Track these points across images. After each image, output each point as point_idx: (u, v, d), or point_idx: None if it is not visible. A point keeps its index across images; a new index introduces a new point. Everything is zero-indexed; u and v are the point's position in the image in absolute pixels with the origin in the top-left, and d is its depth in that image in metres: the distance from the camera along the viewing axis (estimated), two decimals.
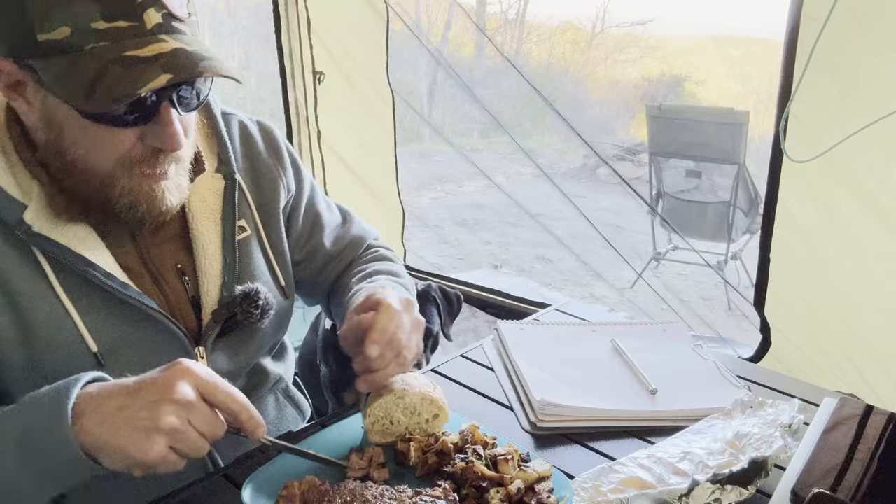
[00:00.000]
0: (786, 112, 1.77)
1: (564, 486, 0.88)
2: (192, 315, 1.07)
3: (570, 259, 5.90)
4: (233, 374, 1.13)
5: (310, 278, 1.29)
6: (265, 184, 1.18)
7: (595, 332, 1.42)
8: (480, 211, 7.65)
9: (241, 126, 1.19)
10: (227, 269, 1.08)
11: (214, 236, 1.08)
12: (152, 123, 0.88)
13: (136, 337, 0.99)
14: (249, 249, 1.13)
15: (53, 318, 0.92)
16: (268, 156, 1.20)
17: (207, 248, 1.07)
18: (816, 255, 1.93)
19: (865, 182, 1.77)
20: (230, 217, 1.10)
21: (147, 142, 0.89)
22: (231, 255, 1.08)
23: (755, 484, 0.90)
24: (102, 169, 0.89)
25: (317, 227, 1.28)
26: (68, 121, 0.86)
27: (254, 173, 1.17)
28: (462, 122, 10.96)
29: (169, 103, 0.87)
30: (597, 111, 11.58)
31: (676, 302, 4.60)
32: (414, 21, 4.44)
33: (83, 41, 0.80)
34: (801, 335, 2.05)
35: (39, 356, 0.91)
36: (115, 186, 0.90)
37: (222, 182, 1.10)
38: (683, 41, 12.47)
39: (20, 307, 0.90)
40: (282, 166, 1.22)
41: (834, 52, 1.69)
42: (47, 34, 0.79)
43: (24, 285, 0.90)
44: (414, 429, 1.00)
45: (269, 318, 1.10)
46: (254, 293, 1.07)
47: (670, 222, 4.98)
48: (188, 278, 1.07)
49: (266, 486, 0.86)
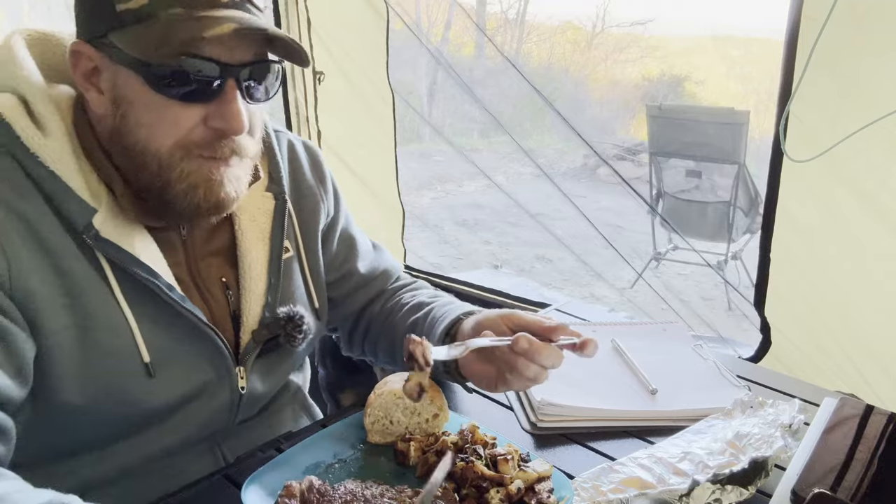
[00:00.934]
0: (786, 112, 1.77)
1: (564, 486, 0.88)
2: (232, 330, 1.06)
3: (571, 259, 5.90)
4: (265, 394, 1.13)
5: (337, 300, 1.28)
6: (308, 205, 1.18)
7: (595, 332, 1.40)
8: (480, 211, 7.66)
9: (289, 145, 1.19)
10: (270, 290, 1.08)
11: (262, 255, 1.08)
12: (216, 104, 0.88)
13: (183, 350, 0.98)
14: (291, 270, 1.13)
15: (112, 324, 0.91)
16: (312, 177, 1.20)
17: (254, 268, 1.06)
18: (817, 254, 1.93)
19: (866, 182, 1.77)
20: (278, 237, 1.09)
21: (210, 124, 0.88)
22: (276, 276, 1.08)
23: (755, 484, 0.90)
24: (162, 150, 0.88)
25: (352, 252, 1.28)
26: (136, 97, 0.86)
27: (297, 193, 1.17)
28: (462, 121, 10.96)
29: (234, 83, 0.88)
30: (597, 111, 11.58)
31: (676, 302, 4.60)
32: (414, 21, 4.45)
33: (159, 7, 0.83)
34: (802, 335, 2.05)
35: (92, 361, 0.90)
36: (173, 169, 0.89)
37: (272, 202, 1.10)
38: (683, 41, 12.47)
39: (82, 308, 0.89)
40: (324, 189, 1.22)
41: (834, 52, 1.68)
42: (125, 4, 0.83)
43: (88, 286, 0.89)
44: (414, 429, 1.00)
45: (307, 343, 1.10)
46: (298, 317, 1.07)
47: (670, 222, 4.98)
48: (231, 292, 1.06)
49: (266, 486, 0.86)
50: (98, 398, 0.92)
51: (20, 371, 0.84)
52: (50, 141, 0.88)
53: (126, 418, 0.96)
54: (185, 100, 0.86)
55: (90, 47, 0.88)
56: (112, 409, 0.94)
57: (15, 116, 0.88)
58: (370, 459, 0.97)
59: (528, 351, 0.93)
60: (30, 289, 0.84)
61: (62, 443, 0.96)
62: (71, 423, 0.93)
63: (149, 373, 0.94)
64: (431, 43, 6.83)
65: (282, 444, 1.02)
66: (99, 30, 0.86)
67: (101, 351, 0.91)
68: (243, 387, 1.06)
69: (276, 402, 1.20)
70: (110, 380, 0.92)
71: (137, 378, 0.94)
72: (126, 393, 0.94)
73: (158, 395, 0.97)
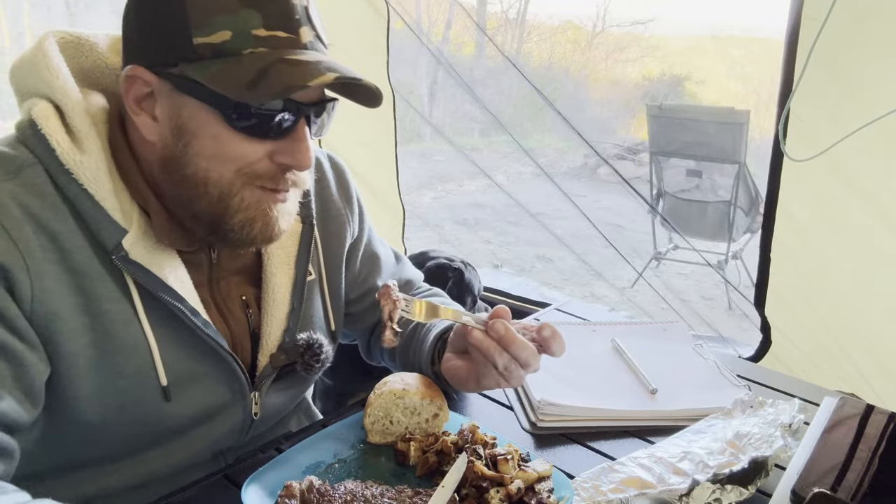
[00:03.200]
0: (786, 111, 1.77)
1: (564, 485, 0.88)
2: (249, 349, 1.05)
3: (571, 258, 5.90)
4: (277, 416, 1.13)
5: (357, 314, 1.28)
6: (333, 228, 1.17)
7: (595, 332, 1.42)
8: (481, 210, 7.65)
9: (316, 163, 1.17)
10: (292, 314, 1.07)
11: (286, 280, 1.07)
12: (285, 141, 0.87)
13: (200, 372, 0.97)
14: (312, 294, 1.12)
15: (132, 345, 0.90)
16: (339, 197, 1.19)
17: (278, 292, 1.05)
18: (817, 254, 1.93)
19: (866, 181, 1.77)
20: (303, 263, 1.08)
21: (277, 159, 0.88)
22: (298, 301, 1.07)
23: (755, 484, 0.90)
24: (223, 179, 0.87)
25: (375, 268, 1.27)
26: (203, 129, 0.85)
27: (323, 215, 1.16)
28: (462, 121, 10.95)
29: (305, 121, 0.88)
30: (597, 111, 11.57)
31: (677, 301, 4.60)
32: (414, 20, 4.44)
33: (243, 45, 0.81)
34: (802, 334, 2.05)
35: (109, 382, 0.89)
36: (233, 197, 0.88)
37: (300, 226, 1.09)
38: (684, 41, 12.47)
39: (103, 329, 0.88)
40: (350, 210, 1.21)
41: (834, 52, 1.69)
42: (205, 38, 0.81)
43: (111, 307, 0.88)
44: (414, 429, 1.00)
45: (324, 370, 1.09)
46: (317, 346, 1.05)
47: (671, 222, 4.98)
48: (251, 311, 1.05)
49: (266, 486, 0.86)
50: (112, 417, 0.91)
51: (29, 394, 0.82)
52: (86, 159, 0.86)
53: (138, 437, 0.96)
54: (255, 135, 0.86)
55: (151, 74, 0.85)
56: (125, 428, 0.93)
57: (51, 129, 0.86)
58: (370, 459, 0.97)
59: (503, 337, 0.93)
60: (51, 310, 0.83)
61: (71, 457, 0.95)
62: (83, 438, 0.93)
63: (165, 396, 0.93)
64: (432, 42, 6.83)
65: (282, 444, 1.02)
66: (167, 59, 0.84)
67: (118, 372, 0.90)
68: (256, 412, 1.06)
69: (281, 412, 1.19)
70: (126, 401, 0.91)
71: (153, 401, 0.93)
72: (140, 414, 0.93)
73: (172, 418, 0.96)
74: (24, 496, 0.72)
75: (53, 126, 0.86)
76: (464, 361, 1.03)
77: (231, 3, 0.81)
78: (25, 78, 0.91)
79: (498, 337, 0.94)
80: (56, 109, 0.88)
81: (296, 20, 0.84)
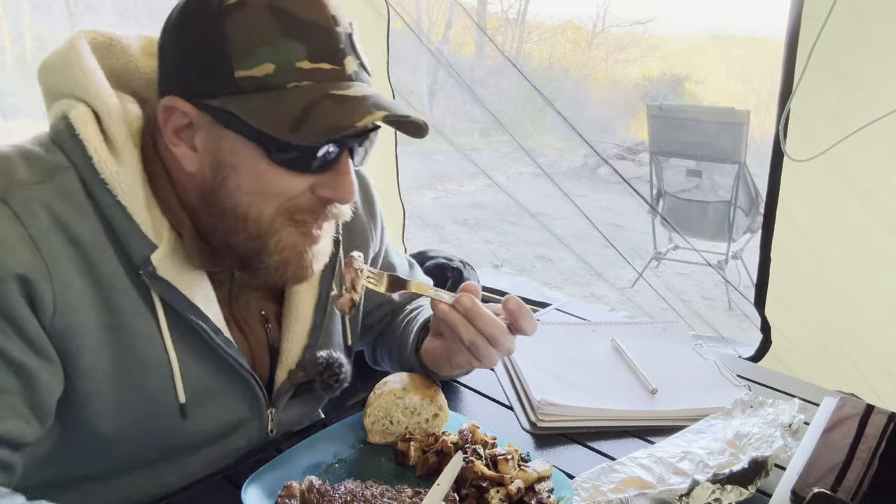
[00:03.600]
0: (786, 111, 1.77)
1: (564, 485, 0.88)
2: (268, 364, 1.04)
3: (571, 258, 5.89)
4: (294, 426, 1.12)
5: (370, 325, 1.27)
6: (358, 243, 1.15)
7: (595, 332, 1.42)
8: (481, 210, 7.65)
9: None
10: (313, 332, 1.05)
11: (310, 297, 1.05)
12: (328, 174, 0.84)
13: (217, 389, 0.96)
14: (332, 311, 1.11)
15: (153, 361, 0.88)
16: (363, 212, 1.17)
17: (300, 310, 1.04)
18: (817, 254, 1.93)
19: (866, 181, 1.77)
20: (328, 281, 1.06)
21: (319, 193, 0.85)
22: (320, 318, 1.06)
23: (755, 484, 0.90)
24: (263, 216, 0.84)
25: None
26: (244, 164, 0.82)
27: (348, 231, 1.13)
28: (462, 121, 10.95)
29: (348, 154, 0.85)
30: (597, 110, 11.57)
31: (677, 301, 4.60)
32: (414, 20, 4.44)
33: (287, 79, 0.78)
34: (802, 334, 2.05)
35: (127, 397, 0.88)
36: (272, 237, 0.86)
37: None
38: (684, 41, 12.47)
39: (124, 344, 0.86)
40: (374, 225, 1.19)
41: (834, 52, 1.69)
42: (247, 71, 0.78)
43: (135, 322, 0.86)
44: (414, 429, 1.00)
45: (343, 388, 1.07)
46: (336, 365, 1.03)
47: (671, 222, 4.98)
48: (270, 325, 1.04)
49: (266, 486, 0.86)
50: (128, 431, 0.90)
51: (38, 411, 0.81)
52: (123, 170, 0.84)
53: (152, 451, 0.95)
54: (298, 169, 0.83)
55: (189, 105, 0.82)
56: (140, 442, 0.92)
57: (90, 135, 0.83)
58: (370, 459, 0.97)
59: (469, 310, 0.92)
60: (73, 323, 0.81)
61: (82, 468, 0.94)
62: (96, 451, 0.91)
63: (182, 414, 0.92)
64: (432, 42, 6.82)
65: (282, 444, 1.02)
66: (207, 91, 0.80)
67: (137, 387, 0.88)
68: (272, 430, 1.05)
69: None
70: (143, 416, 0.90)
71: (171, 418, 0.92)
72: (156, 429, 0.92)
73: (189, 434, 0.95)
74: (19, 498, 0.72)
75: (92, 132, 0.83)
76: (439, 341, 1.02)
77: (274, 34, 0.77)
78: (57, 79, 0.88)
79: (464, 310, 0.92)
80: (93, 115, 0.85)
81: (340, 50, 0.81)
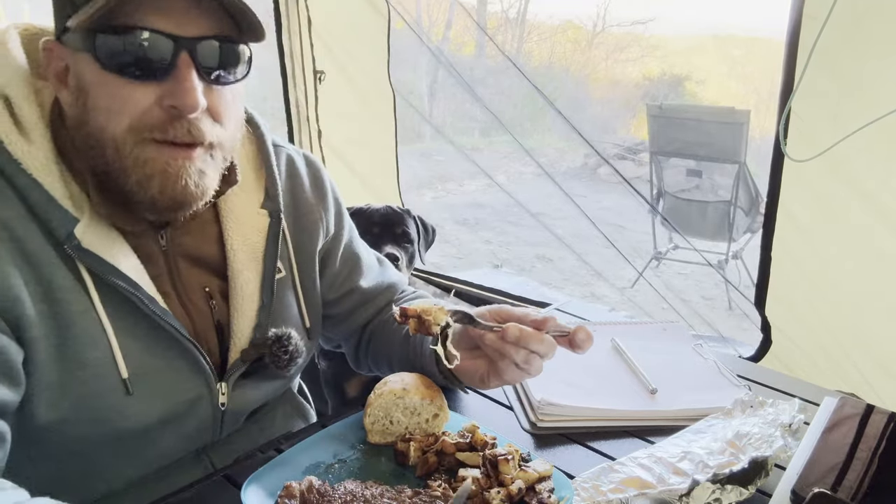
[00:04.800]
0: (786, 111, 1.77)
1: (565, 486, 0.88)
2: (216, 340, 1.04)
3: (571, 258, 5.90)
4: (248, 409, 1.12)
5: (339, 316, 1.26)
6: (305, 224, 1.15)
7: (595, 332, 1.41)
8: (481, 210, 7.66)
9: (288, 160, 1.15)
10: (262, 311, 1.05)
11: (254, 276, 1.05)
12: (170, 82, 0.84)
13: (163, 364, 0.96)
14: (283, 291, 1.11)
15: (90, 335, 0.89)
16: (311, 194, 1.17)
17: (246, 289, 1.04)
18: (817, 254, 1.93)
19: (866, 181, 1.77)
20: (272, 258, 1.06)
21: (164, 103, 0.84)
22: (268, 297, 1.06)
23: (755, 484, 0.90)
24: (118, 132, 0.84)
25: (356, 269, 1.25)
26: (91, 80, 0.84)
27: (295, 211, 1.14)
28: (463, 121, 10.96)
29: (189, 58, 0.84)
30: (597, 110, 11.58)
31: (677, 301, 4.60)
32: (415, 20, 4.44)
33: None
34: (802, 334, 2.05)
35: (68, 374, 0.88)
36: (128, 154, 0.85)
37: (267, 220, 1.07)
38: (684, 40, 12.47)
39: (60, 318, 0.87)
40: (324, 207, 1.19)
41: (835, 51, 1.69)
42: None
43: (67, 296, 0.87)
44: (414, 429, 1.00)
45: (296, 365, 1.08)
46: (285, 338, 1.04)
47: (671, 221, 4.98)
48: (214, 302, 1.04)
49: (266, 486, 0.86)
50: (72, 414, 0.89)
51: (9, 375, 0.82)
52: (34, 148, 0.86)
53: (102, 437, 0.93)
54: (138, 78, 0.83)
55: (58, 43, 0.87)
56: (86, 427, 0.91)
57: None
58: (370, 459, 0.97)
59: (520, 338, 0.93)
60: (12, 295, 0.82)
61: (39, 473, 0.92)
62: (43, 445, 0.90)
63: (126, 390, 0.91)
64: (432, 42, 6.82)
65: (282, 444, 1.02)
66: (62, 22, 0.85)
67: (77, 363, 0.88)
68: (223, 403, 1.04)
69: (262, 409, 1.18)
70: (86, 394, 0.89)
71: (114, 395, 0.91)
72: (102, 409, 0.91)
73: (136, 414, 0.94)
74: (22, 494, 0.72)
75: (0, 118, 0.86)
76: (480, 360, 1.02)
77: None
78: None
79: (514, 339, 0.94)
80: (4, 101, 0.88)
81: None
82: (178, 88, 0.83)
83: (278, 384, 1.16)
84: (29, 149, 0.86)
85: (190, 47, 0.84)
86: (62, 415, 0.88)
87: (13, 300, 0.83)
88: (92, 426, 0.91)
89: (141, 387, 0.93)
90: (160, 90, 0.84)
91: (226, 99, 0.90)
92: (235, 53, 0.89)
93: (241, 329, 1.04)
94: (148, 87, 0.84)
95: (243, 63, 0.91)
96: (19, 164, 0.85)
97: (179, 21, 0.83)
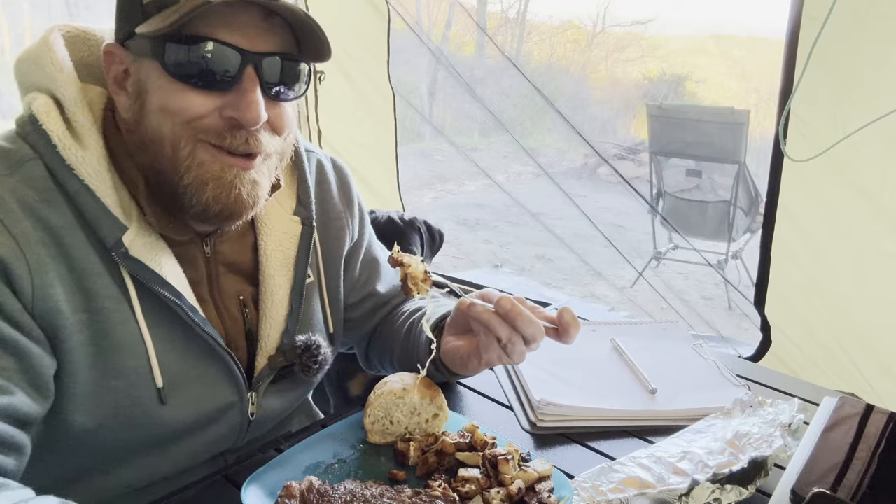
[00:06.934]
0: (786, 111, 1.77)
1: (564, 485, 0.88)
2: (245, 348, 1.05)
3: (571, 258, 5.90)
4: (276, 418, 1.12)
5: (356, 320, 1.27)
6: (333, 231, 1.16)
7: (595, 332, 1.42)
8: (481, 210, 7.66)
9: (318, 166, 1.16)
10: (291, 316, 1.06)
11: (285, 282, 1.06)
12: (233, 94, 0.85)
13: (197, 373, 0.96)
14: (311, 296, 1.11)
15: (129, 344, 0.89)
16: (339, 200, 1.18)
17: (277, 294, 1.05)
18: (817, 254, 1.93)
19: (866, 181, 1.77)
20: (302, 264, 1.07)
21: (224, 113, 0.85)
22: (297, 303, 1.06)
23: (755, 483, 0.90)
24: (174, 133, 0.85)
25: (374, 274, 1.26)
26: (153, 84, 0.85)
27: (323, 217, 1.14)
28: (463, 121, 10.96)
29: (253, 73, 0.85)
30: (597, 110, 11.58)
31: (677, 301, 4.60)
32: (415, 20, 4.45)
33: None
34: (802, 334, 2.05)
35: (105, 382, 0.88)
36: (182, 150, 0.85)
37: (299, 227, 1.08)
38: (684, 40, 12.48)
39: (100, 326, 0.87)
40: (350, 213, 1.20)
41: (834, 51, 1.69)
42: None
43: (108, 305, 0.87)
44: (414, 429, 1.00)
45: (322, 373, 1.08)
46: (315, 347, 1.05)
47: (671, 221, 4.98)
48: (248, 310, 1.04)
49: (266, 487, 0.86)
50: (107, 421, 0.90)
51: (37, 387, 0.82)
52: (88, 154, 0.86)
53: (134, 442, 0.94)
54: (202, 87, 0.84)
55: (121, 48, 0.89)
56: (120, 433, 0.92)
57: (52, 124, 0.85)
58: (370, 459, 0.97)
59: (510, 311, 0.92)
60: (51, 305, 0.82)
61: (66, 469, 0.94)
62: (77, 447, 0.91)
63: (160, 399, 0.92)
64: (432, 42, 6.83)
65: (282, 444, 1.02)
66: (128, 28, 0.86)
67: (114, 371, 0.88)
68: (253, 412, 1.05)
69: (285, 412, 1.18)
70: (121, 402, 0.90)
71: (149, 403, 0.92)
72: (136, 417, 0.92)
73: (168, 422, 0.95)
74: (27, 492, 0.73)
75: (54, 121, 0.86)
76: (464, 340, 1.02)
77: None
78: (29, 72, 0.91)
79: (504, 311, 0.92)
80: (56, 104, 0.87)
81: None
82: (241, 101, 0.85)
83: (301, 391, 1.17)
84: (83, 154, 0.86)
85: (256, 62, 0.85)
86: (98, 421, 0.89)
87: (54, 312, 0.83)
88: (126, 432, 0.92)
89: (175, 395, 0.94)
90: (222, 101, 0.86)
91: (286, 113, 0.92)
92: (296, 70, 0.91)
93: (268, 334, 1.04)
94: (210, 96, 0.85)
95: (303, 80, 0.92)
96: (72, 170, 0.85)
97: (248, 35, 0.85)
